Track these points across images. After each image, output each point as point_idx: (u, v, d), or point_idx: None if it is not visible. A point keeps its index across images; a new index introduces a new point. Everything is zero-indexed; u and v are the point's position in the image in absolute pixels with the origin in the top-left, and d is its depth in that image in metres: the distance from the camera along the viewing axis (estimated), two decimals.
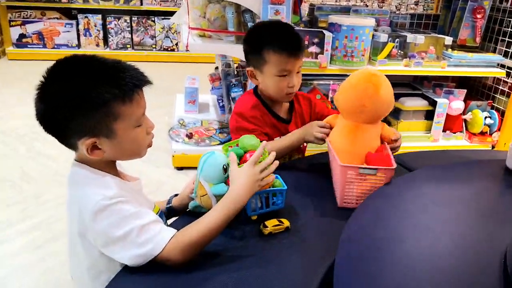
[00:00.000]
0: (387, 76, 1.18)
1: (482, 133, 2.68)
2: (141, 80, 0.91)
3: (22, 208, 2.12)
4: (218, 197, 0.99)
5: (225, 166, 1.01)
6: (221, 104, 2.75)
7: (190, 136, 2.55)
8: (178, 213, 1.15)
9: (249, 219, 1.05)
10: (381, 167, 1.09)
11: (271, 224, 1.01)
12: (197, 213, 1.07)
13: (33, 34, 4.60)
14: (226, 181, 1.02)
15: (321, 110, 1.53)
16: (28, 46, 4.64)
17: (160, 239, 0.87)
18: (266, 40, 1.32)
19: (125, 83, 0.87)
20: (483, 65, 2.57)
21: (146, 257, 0.86)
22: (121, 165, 1.04)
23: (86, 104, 0.85)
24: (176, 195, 1.18)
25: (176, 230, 0.90)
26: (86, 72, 0.87)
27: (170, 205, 1.16)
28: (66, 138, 0.90)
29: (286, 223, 1.03)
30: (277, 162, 1.02)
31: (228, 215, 0.92)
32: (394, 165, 1.11)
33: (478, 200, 1.09)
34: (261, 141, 1.11)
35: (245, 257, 0.94)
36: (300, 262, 0.93)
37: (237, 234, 1.01)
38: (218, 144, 2.50)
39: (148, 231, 0.87)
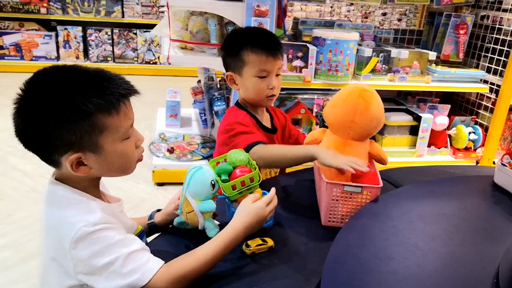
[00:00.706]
0: None
1: (467, 149, 2.69)
2: (127, 90, 0.84)
3: None
4: (205, 214, 0.95)
5: (213, 182, 0.96)
6: (203, 118, 2.69)
7: (171, 150, 2.48)
8: (160, 230, 1.09)
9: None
10: (367, 185, 1.06)
11: (254, 244, 0.96)
12: (182, 229, 1.04)
13: (11, 45, 4.49)
14: (213, 197, 0.98)
15: (293, 128, 1.54)
16: (5, 58, 4.51)
17: (148, 269, 0.81)
18: (244, 41, 1.31)
19: (110, 92, 0.80)
20: (466, 81, 2.59)
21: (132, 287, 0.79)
22: (103, 183, 0.97)
23: (68, 117, 0.77)
24: (158, 210, 1.11)
25: (163, 262, 0.83)
26: (67, 83, 0.79)
27: (152, 220, 1.08)
28: (48, 154, 0.82)
29: (270, 242, 0.98)
30: (276, 201, 1.00)
31: (224, 251, 0.88)
32: (381, 184, 1.07)
33: (467, 217, 1.06)
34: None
35: (226, 279, 0.88)
36: (285, 284, 0.88)
37: None
38: (200, 159, 2.43)
39: (134, 260, 0.80)
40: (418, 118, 2.56)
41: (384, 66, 2.48)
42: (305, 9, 4.78)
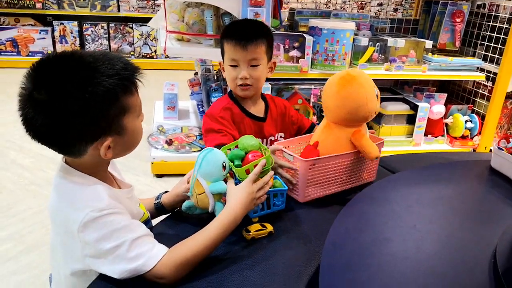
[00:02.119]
0: None
1: (463, 137, 2.70)
2: (135, 68, 0.85)
3: None
4: (216, 195, 0.97)
5: (224, 164, 0.97)
6: (201, 109, 2.70)
7: (169, 142, 2.48)
8: (166, 211, 1.10)
9: (249, 221, 1.01)
10: (297, 156, 1.11)
11: (253, 229, 0.97)
12: (188, 216, 1.05)
13: (7, 41, 4.46)
14: (224, 179, 0.99)
15: (295, 115, 1.53)
16: (2, 53, 4.49)
17: (152, 255, 0.82)
18: (225, 30, 1.37)
19: (126, 73, 0.81)
20: (463, 69, 2.60)
21: (136, 272, 0.81)
22: (116, 166, 1.00)
23: (100, 105, 0.77)
24: (165, 192, 1.12)
25: (167, 248, 0.85)
26: (85, 71, 0.77)
27: (159, 200, 1.09)
28: (74, 145, 0.81)
29: (269, 227, 0.99)
30: (271, 183, 1.02)
31: (224, 233, 0.89)
32: (309, 160, 1.10)
33: (464, 200, 1.08)
34: (225, 143, 1.12)
35: (226, 263, 0.89)
36: (285, 268, 0.89)
37: None
38: (198, 151, 2.43)
39: (140, 246, 0.82)
40: (415, 107, 2.57)
41: (380, 55, 2.48)
42: (300, 1, 4.77)
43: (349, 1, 4.78)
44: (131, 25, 4.68)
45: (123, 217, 0.83)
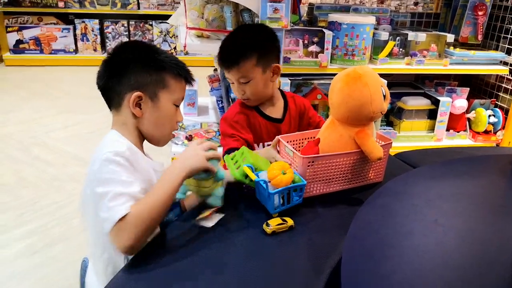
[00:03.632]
0: (388, 74, 1.15)
1: (486, 132, 2.64)
2: (190, 75, 1.09)
3: (18, 213, 2.08)
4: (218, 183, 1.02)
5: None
6: (220, 105, 2.72)
7: (189, 138, 2.52)
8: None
9: (270, 215, 1.03)
10: (297, 152, 1.12)
11: (274, 223, 0.98)
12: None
13: (30, 39, 4.59)
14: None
15: (313, 116, 1.54)
16: (25, 52, 4.62)
17: (122, 209, 0.88)
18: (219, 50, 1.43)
19: (180, 66, 1.06)
20: (485, 63, 2.54)
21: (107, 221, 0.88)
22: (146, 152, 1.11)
23: (147, 64, 1.02)
24: None
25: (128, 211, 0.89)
26: (150, 48, 1.07)
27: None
28: (118, 90, 1.01)
29: (290, 222, 1.00)
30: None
31: (173, 186, 0.94)
32: (307, 157, 1.10)
33: (486, 195, 1.06)
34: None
35: (248, 257, 0.90)
36: (306, 261, 0.90)
37: (240, 234, 0.97)
38: (218, 146, 2.46)
39: (119, 199, 0.89)
40: (436, 102, 2.53)
41: (401, 49, 2.45)
42: None
43: None
44: (150, 23, 4.74)
45: (128, 173, 0.93)
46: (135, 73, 1.01)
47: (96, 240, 1.02)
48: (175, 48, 4.77)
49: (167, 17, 4.20)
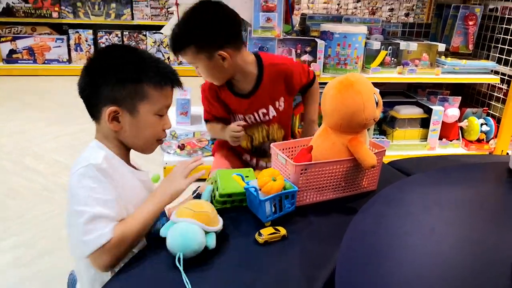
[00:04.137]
0: (381, 83, 1.15)
1: (479, 141, 2.66)
2: (176, 79, 1.02)
3: (6, 225, 2.03)
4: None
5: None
6: None
7: (182, 147, 2.50)
8: None
9: (262, 224, 1.01)
10: (289, 160, 1.11)
11: (266, 233, 0.96)
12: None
13: (24, 49, 4.56)
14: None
15: (297, 84, 1.56)
16: (19, 61, 4.59)
17: (105, 233, 0.88)
18: None
19: (162, 73, 0.99)
20: (477, 72, 2.56)
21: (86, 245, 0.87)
22: (134, 161, 1.09)
23: (122, 76, 0.95)
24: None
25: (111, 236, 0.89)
26: (131, 55, 0.99)
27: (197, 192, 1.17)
28: (95, 103, 0.97)
29: (283, 231, 0.98)
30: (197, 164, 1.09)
31: (151, 216, 0.97)
32: (300, 164, 1.09)
33: (483, 202, 1.05)
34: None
35: (240, 267, 0.88)
36: (299, 272, 0.88)
37: (232, 244, 0.95)
38: (210, 155, 2.44)
39: (98, 222, 0.88)
40: (428, 111, 2.54)
41: (393, 59, 2.46)
42: (311, 7, 4.78)
43: (360, 7, 4.78)
44: (144, 33, 4.74)
45: (104, 189, 0.90)
46: (110, 85, 0.95)
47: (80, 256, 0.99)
48: (168, 58, 4.78)
49: (160, 27, 4.21)
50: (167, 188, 1.00)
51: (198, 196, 1.12)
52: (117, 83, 0.95)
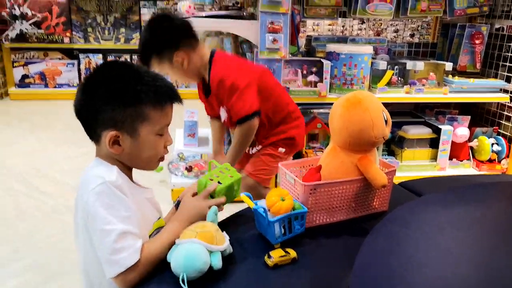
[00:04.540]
0: (388, 103, 1.14)
1: (490, 161, 2.62)
2: (175, 95, 0.99)
3: (14, 247, 2.03)
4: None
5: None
6: None
7: (189, 169, 2.49)
8: None
9: (271, 246, 0.99)
10: (298, 179, 1.08)
11: (276, 255, 0.94)
12: None
13: (36, 74, 4.66)
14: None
15: (225, 99, 1.64)
16: (31, 86, 4.68)
17: (136, 250, 0.88)
18: None
19: (161, 91, 0.96)
20: (485, 91, 2.55)
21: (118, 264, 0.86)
22: (137, 178, 1.06)
23: (121, 99, 0.92)
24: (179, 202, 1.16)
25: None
26: (129, 73, 0.96)
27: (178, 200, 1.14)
28: (94, 127, 0.95)
29: (293, 253, 0.95)
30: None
31: (172, 242, 0.94)
32: (309, 184, 1.07)
33: (498, 222, 1.02)
34: None
35: None
36: None
37: (240, 266, 0.93)
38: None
39: (126, 239, 0.87)
40: (437, 131, 2.52)
41: (400, 78, 2.46)
42: (317, 29, 4.85)
43: (364, 28, 4.83)
44: None
45: (124, 206, 0.89)
46: (109, 109, 0.92)
47: (91, 275, 0.98)
48: (176, 81, 4.84)
49: None
50: (190, 210, 1.00)
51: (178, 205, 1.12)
52: (117, 106, 0.92)
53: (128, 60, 4.80)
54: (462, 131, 2.53)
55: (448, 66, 2.47)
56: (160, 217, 1.07)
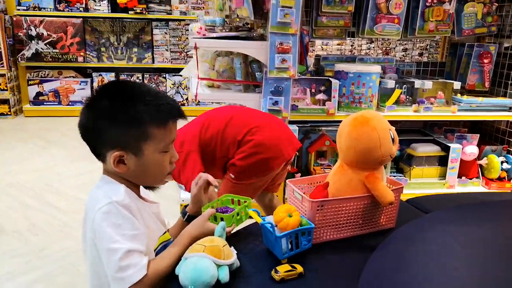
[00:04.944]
0: (397, 121, 1.15)
1: (500, 179, 2.60)
2: (178, 111, 1.00)
3: (26, 260, 2.06)
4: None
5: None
6: None
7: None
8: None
9: (278, 261, 1.01)
10: (305, 196, 1.10)
11: (283, 270, 0.95)
12: None
13: (50, 92, 4.78)
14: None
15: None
16: (45, 103, 4.80)
17: (142, 267, 0.90)
18: None
19: (164, 110, 0.96)
20: (494, 109, 2.55)
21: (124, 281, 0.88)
22: (146, 192, 1.09)
23: (124, 120, 0.93)
24: (186, 206, 1.19)
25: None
26: (132, 93, 0.96)
27: (188, 214, 1.17)
28: (99, 147, 0.97)
29: (299, 268, 0.96)
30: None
31: (182, 253, 0.97)
32: (316, 201, 1.08)
33: (507, 241, 1.01)
34: None
35: None
36: None
37: (247, 280, 0.94)
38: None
39: (132, 257, 0.89)
40: (446, 149, 2.51)
41: (408, 97, 2.48)
42: (326, 49, 4.91)
43: (373, 48, 4.88)
44: (164, 75, 4.93)
45: (131, 225, 0.91)
46: (113, 130, 0.93)
47: None
48: (187, 99, 4.92)
49: (179, 70, 4.39)
50: (196, 230, 1.03)
51: (184, 214, 1.18)
52: (120, 127, 0.93)
53: (140, 78, 4.91)
54: (471, 149, 2.52)
55: (457, 85, 2.49)
56: (165, 231, 1.09)
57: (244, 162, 1.66)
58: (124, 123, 0.93)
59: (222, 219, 1.08)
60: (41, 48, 4.69)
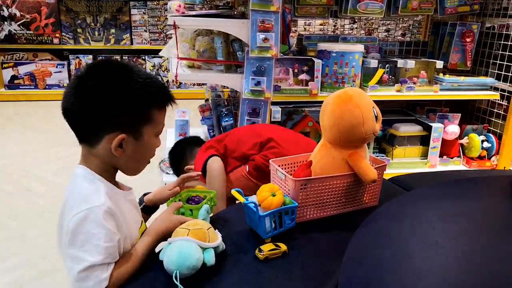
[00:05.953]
0: (379, 101, 1.15)
1: (480, 157, 2.63)
2: (172, 96, 0.97)
3: (7, 245, 2.01)
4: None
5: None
6: (211, 134, 2.70)
7: None
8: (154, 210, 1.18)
9: (262, 240, 0.99)
10: (288, 175, 1.09)
11: (267, 249, 0.94)
12: None
13: (25, 75, 4.62)
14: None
15: None
16: (20, 87, 4.64)
17: (102, 279, 0.86)
18: None
19: (164, 93, 0.95)
20: (476, 88, 2.57)
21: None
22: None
23: (128, 101, 0.88)
24: (145, 194, 1.18)
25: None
26: (131, 73, 0.90)
27: (143, 204, 1.16)
28: (93, 131, 0.89)
29: (283, 247, 0.95)
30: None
31: (151, 250, 0.97)
32: (299, 179, 1.08)
33: (487, 216, 1.03)
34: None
35: (240, 284, 0.86)
36: None
37: (231, 260, 0.93)
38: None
39: (93, 271, 0.85)
40: (428, 128, 2.53)
41: (391, 77, 2.47)
42: (308, 29, 4.85)
43: (356, 28, 4.85)
44: (143, 57, 4.81)
45: (106, 234, 0.85)
46: (118, 112, 0.87)
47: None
48: (167, 81, 4.82)
49: (159, 51, 4.28)
50: (159, 226, 1.00)
51: (141, 202, 1.17)
52: (127, 108, 0.88)
53: (119, 60, 4.79)
54: (452, 129, 2.55)
55: (439, 64, 2.49)
56: (142, 221, 1.06)
57: (264, 160, 1.67)
58: (128, 105, 0.87)
59: (191, 211, 1.06)
60: (14, 30, 4.50)
